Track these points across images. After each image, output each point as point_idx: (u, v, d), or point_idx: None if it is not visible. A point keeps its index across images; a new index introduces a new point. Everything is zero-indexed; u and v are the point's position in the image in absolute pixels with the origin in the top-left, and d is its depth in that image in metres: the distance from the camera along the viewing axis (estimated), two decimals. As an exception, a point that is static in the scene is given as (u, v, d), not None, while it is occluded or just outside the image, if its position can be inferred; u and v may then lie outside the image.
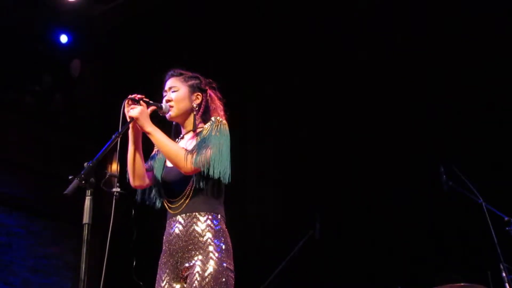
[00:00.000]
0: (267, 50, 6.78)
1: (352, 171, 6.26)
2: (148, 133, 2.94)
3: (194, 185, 2.94)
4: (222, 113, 3.20)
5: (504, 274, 4.19)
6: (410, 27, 5.99)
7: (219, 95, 3.28)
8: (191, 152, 2.90)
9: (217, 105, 3.22)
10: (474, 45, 5.66)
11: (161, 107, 3.08)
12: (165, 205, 3.05)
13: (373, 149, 6.13)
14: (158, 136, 2.93)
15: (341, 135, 6.37)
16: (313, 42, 6.53)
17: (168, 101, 3.13)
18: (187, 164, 2.86)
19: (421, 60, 5.98)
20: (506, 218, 4.44)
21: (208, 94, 3.21)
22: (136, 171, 3.04)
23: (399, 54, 6.06)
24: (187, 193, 2.95)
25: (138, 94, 2.99)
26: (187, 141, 3.12)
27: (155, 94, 3.20)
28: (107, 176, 2.78)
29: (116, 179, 2.78)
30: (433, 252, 5.58)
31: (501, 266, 4.22)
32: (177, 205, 2.97)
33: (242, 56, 6.83)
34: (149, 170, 3.13)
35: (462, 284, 4.17)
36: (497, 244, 4.31)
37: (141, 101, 2.95)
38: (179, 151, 2.90)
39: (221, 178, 2.91)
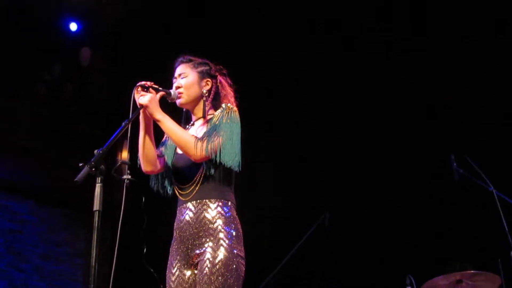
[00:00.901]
0: (278, 46, 6.77)
1: (362, 160, 6.25)
2: (158, 120, 2.93)
3: (204, 172, 2.93)
4: (232, 99, 3.18)
5: (514, 262, 4.18)
6: (418, 18, 5.96)
7: (229, 81, 3.25)
8: (201, 139, 2.89)
9: (228, 92, 3.20)
10: (483, 34, 5.63)
11: (170, 94, 3.07)
12: (176, 192, 3.06)
13: (384, 137, 6.11)
14: (167, 123, 2.93)
15: (352, 123, 6.36)
16: (325, 38, 6.51)
17: (177, 87, 3.12)
18: (197, 151, 2.86)
19: (427, 53, 5.96)
20: (517, 206, 4.43)
21: (218, 80, 3.19)
22: (148, 157, 3.04)
23: (405, 48, 6.03)
24: (197, 179, 2.95)
25: (147, 81, 2.99)
26: (197, 128, 3.11)
27: (165, 81, 3.19)
28: (119, 163, 2.79)
29: (127, 166, 2.78)
30: (444, 240, 5.57)
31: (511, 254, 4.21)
32: (187, 191, 2.97)
33: (252, 48, 6.82)
34: (161, 156, 3.13)
35: (472, 271, 4.17)
36: (508, 231, 4.29)
37: (150, 88, 2.95)
38: (189, 139, 2.90)
39: (232, 166, 2.91)
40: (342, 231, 5.88)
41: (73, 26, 7.52)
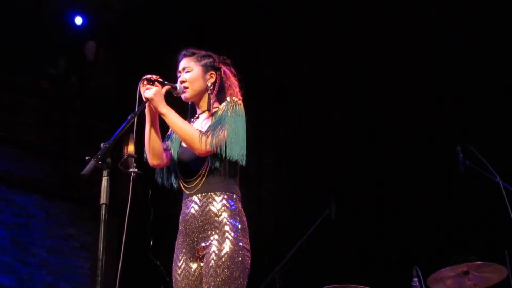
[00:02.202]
0: (282, 37, 6.76)
1: (368, 151, 6.25)
2: (162, 114, 2.93)
3: (209, 165, 2.94)
4: (237, 89, 3.18)
5: (521, 253, 4.18)
6: (428, 7, 5.94)
7: (233, 71, 3.25)
8: (205, 133, 2.90)
9: (232, 82, 3.20)
10: (493, 23, 5.60)
11: (175, 88, 3.06)
12: (181, 185, 3.06)
13: (390, 128, 6.10)
14: (172, 117, 2.93)
15: (356, 115, 6.35)
16: (329, 31, 6.50)
17: (182, 82, 3.11)
18: (202, 146, 2.86)
19: (432, 44, 5.94)
20: (523, 196, 4.41)
21: (222, 72, 3.19)
22: (154, 150, 3.04)
23: (408, 39, 6.02)
24: (203, 173, 2.95)
25: (153, 75, 2.99)
26: (202, 121, 3.11)
27: (170, 75, 3.19)
28: (125, 156, 2.79)
29: (133, 159, 2.79)
30: (450, 231, 5.57)
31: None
32: (192, 185, 2.98)
33: (259, 39, 6.81)
34: (167, 149, 3.14)
35: (479, 263, 4.17)
36: (514, 223, 4.28)
37: (156, 82, 2.95)
38: (193, 133, 2.90)
39: (237, 160, 2.91)
40: (349, 223, 5.88)
41: (78, 20, 7.52)
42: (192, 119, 3.19)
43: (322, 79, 6.60)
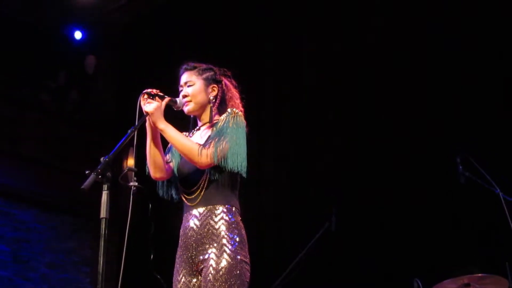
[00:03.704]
0: (284, 44, 6.77)
1: (368, 163, 6.23)
2: (161, 130, 2.94)
3: (209, 177, 2.95)
4: (238, 101, 3.20)
5: (522, 265, 4.16)
6: (428, 7, 5.95)
7: (234, 83, 3.27)
8: (205, 146, 2.91)
9: (233, 94, 3.21)
10: (493, 23, 5.60)
11: (175, 102, 3.08)
12: (182, 197, 3.06)
13: (390, 140, 6.09)
14: (170, 132, 2.94)
15: (357, 126, 6.35)
16: (330, 34, 6.51)
17: (185, 96, 3.13)
18: (201, 158, 2.87)
19: (433, 41, 5.94)
20: (523, 208, 4.40)
21: (223, 84, 3.21)
22: (156, 164, 3.04)
23: (411, 49, 6.02)
24: (202, 185, 2.96)
25: (153, 89, 3.00)
26: (202, 132, 3.13)
27: (170, 89, 3.20)
28: (125, 170, 2.80)
29: (133, 173, 2.79)
30: (451, 243, 5.55)
31: (519, 257, 4.19)
32: (193, 196, 2.97)
33: (259, 47, 6.82)
34: (169, 162, 3.15)
35: (480, 275, 4.16)
36: (515, 234, 4.27)
37: (156, 97, 2.96)
38: (192, 146, 2.91)
39: (239, 171, 2.92)
40: (348, 234, 5.86)
41: (78, 35, 7.56)
42: (193, 131, 3.20)
43: (324, 86, 6.59)
